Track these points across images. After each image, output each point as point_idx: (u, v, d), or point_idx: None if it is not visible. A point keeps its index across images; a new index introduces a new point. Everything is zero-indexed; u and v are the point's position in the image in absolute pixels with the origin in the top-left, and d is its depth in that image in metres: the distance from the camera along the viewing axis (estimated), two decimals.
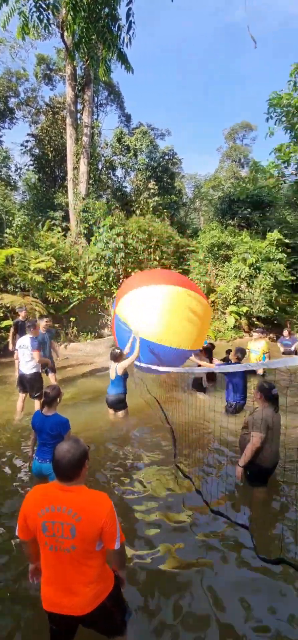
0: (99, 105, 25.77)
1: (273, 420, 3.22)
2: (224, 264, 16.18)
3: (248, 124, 39.45)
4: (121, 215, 17.18)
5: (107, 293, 13.97)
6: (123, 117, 25.69)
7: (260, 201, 19.04)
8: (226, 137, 41.24)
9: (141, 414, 5.55)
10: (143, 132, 21.27)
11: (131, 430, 4.99)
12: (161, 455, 4.21)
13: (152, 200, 19.52)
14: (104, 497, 1.83)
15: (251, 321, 14.61)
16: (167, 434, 4.65)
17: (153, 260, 15.84)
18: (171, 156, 21.59)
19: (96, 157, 21.73)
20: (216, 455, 4.19)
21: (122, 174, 23.06)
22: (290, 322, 15.52)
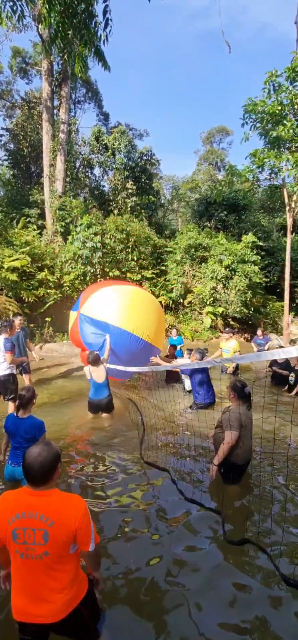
0: (76, 102, 25.41)
1: (245, 418, 3.29)
2: (201, 265, 16.43)
3: (225, 129, 40.32)
4: (98, 215, 17.01)
5: None
6: (101, 116, 25.50)
7: (235, 204, 19.52)
8: (203, 141, 41.94)
9: (119, 416, 5.52)
10: (121, 132, 21.19)
11: (109, 432, 4.95)
12: (137, 455, 4.20)
13: (130, 200, 19.48)
14: (77, 499, 1.79)
15: (227, 321, 14.93)
16: (141, 434, 4.66)
17: (130, 260, 15.81)
18: (150, 157, 21.65)
19: (74, 155, 21.39)
20: (190, 452, 4.23)
21: (100, 173, 22.90)
22: (263, 322, 16.02)
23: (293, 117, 12.79)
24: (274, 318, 16.68)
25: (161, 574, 2.43)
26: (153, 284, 16.25)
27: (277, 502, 3.14)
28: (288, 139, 12.57)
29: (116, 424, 5.20)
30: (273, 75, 12.60)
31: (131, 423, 5.15)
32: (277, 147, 13.31)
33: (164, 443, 4.47)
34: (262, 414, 3.64)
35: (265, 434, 3.70)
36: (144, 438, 4.37)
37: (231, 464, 3.32)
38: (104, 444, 4.53)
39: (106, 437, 4.72)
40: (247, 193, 19.63)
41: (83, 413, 5.56)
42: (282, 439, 4.25)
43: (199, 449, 4.24)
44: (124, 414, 5.56)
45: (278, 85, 12.71)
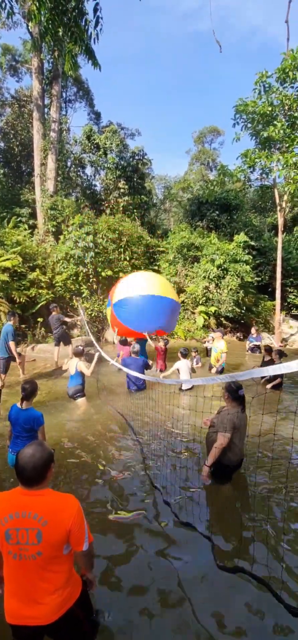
0: (67, 101, 25.30)
1: (239, 420, 3.30)
2: (193, 264, 16.50)
3: (216, 129, 40.52)
4: (90, 214, 16.92)
5: (77, 293, 13.72)
6: (93, 115, 25.44)
7: (227, 204, 19.66)
8: (195, 141, 42.06)
9: (113, 420, 5.50)
10: (113, 131, 21.14)
11: (103, 434, 4.93)
12: (131, 461, 4.19)
13: (122, 200, 19.45)
14: (71, 499, 1.78)
15: (219, 321, 15.01)
16: (136, 440, 4.65)
17: (123, 260, 15.78)
18: (141, 156, 21.63)
19: (65, 154, 21.26)
20: (184, 454, 4.24)
21: (92, 173, 22.79)
22: (255, 321, 16.16)
23: (283, 117, 12.93)
24: (266, 317, 16.83)
25: (156, 590, 2.39)
26: None
27: (274, 524, 2.98)
28: (278, 139, 12.71)
29: (112, 425, 5.19)
30: (263, 76, 12.74)
31: (127, 426, 5.14)
32: (267, 147, 13.45)
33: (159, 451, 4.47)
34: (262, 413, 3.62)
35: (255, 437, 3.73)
36: (142, 449, 4.34)
37: (222, 465, 3.33)
38: (99, 444, 4.51)
39: (101, 438, 4.70)
40: (239, 193, 19.81)
41: (76, 413, 5.54)
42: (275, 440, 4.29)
43: (193, 453, 4.25)
44: (118, 417, 5.54)
45: (269, 86, 12.86)
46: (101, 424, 5.22)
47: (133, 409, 5.69)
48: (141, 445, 4.41)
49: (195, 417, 4.29)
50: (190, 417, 4.36)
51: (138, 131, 25.75)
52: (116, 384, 7.41)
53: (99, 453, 4.28)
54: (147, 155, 22.19)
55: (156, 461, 4.05)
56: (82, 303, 13.16)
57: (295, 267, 18.57)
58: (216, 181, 14.70)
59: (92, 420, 5.37)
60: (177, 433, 4.80)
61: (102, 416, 5.54)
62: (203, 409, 3.61)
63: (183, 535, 2.84)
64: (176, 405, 4.60)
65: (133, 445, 4.51)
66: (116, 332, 8.56)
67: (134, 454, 4.26)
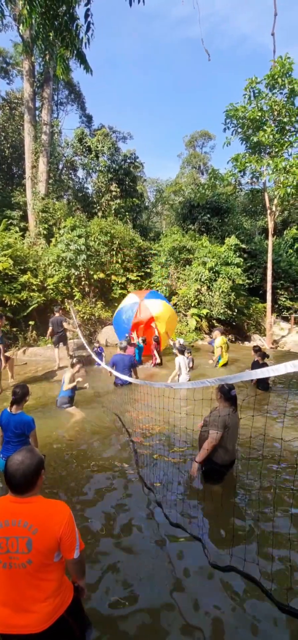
0: (59, 103, 25.23)
1: (230, 420, 3.33)
2: (185, 267, 16.57)
3: (207, 133, 40.91)
4: (82, 217, 16.91)
5: (69, 295, 13.65)
6: (84, 118, 25.40)
7: (218, 207, 19.83)
8: (186, 144, 42.41)
9: (105, 423, 5.48)
10: (104, 134, 21.14)
11: (95, 438, 4.90)
12: (123, 463, 4.17)
13: (114, 203, 19.44)
14: (61, 505, 1.77)
15: (211, 323, 15.09)
16: (129, 445, 4.64)
17: (115, 263, 15.78)
18: (133, 159, 21.69)
19: (56, 157, 21.20)
20: (175, 454, 4.25)
21: (83, 175, 22.77)
22: (247, 323, 16.30)
23: (273, 123, 13.12)
24: (257, 319, 16.98)
25: (149, 592, 2.40)
26: (137, 287, 16.24)
27: (264, 521, 3.05)
28: (268, 144, 12.89)
29: (104, 428, 5.16)
30: (253, 82, 12.93)
31: (120, 430, 5.12)
32: (257, 152, 13.63)
33: (153, 451, 4.47)
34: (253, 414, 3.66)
35: (248, 436, 3.75)
36: (135, 449, 4.35)
37: (213, 464, 3.35)
38: (92, 450, 4.48)
39: (93, 444, 4.67)
40: (230, 196, 20.02)
41: (68, 418, 5.49)
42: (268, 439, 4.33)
43: (186, 454, 4.26)
44: (110, 420, 5.52)
45: (258, 92, 13.05)
46: (93, 427, 5.19)
47: (124, 408, 5.68)
48: (134, 447, 4.41)
49: (187, 419, 4.31)
50: (185, 419, 4.37)
51: (129, 134, 25.82)
52: (108, 386, 7.39)
53: (91, 457, 4.26)
54: (139, 158, 22.29)
55: (149, 462, 4.05)
56: (74, 306, 13.09)
57: (285, 270, 18.83)
58: (207, 185, 14.81)
59: (84, 424, 5.34)
60: (170, 434, 4.81)
61: (95, 420, 5.51)
62: (194, 412, 3.62)
63: (174, 536, 2.86)
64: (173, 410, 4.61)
65: (126, 447, 4.50)
66: None
67: (127, 456, 4.26)
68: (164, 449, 4.46)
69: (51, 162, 18.96)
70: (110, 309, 15.04)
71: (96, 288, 15.00)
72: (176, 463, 4.01)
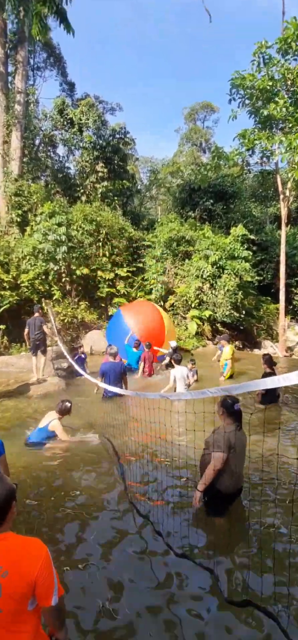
0: (35, 68, 25.21)
1: (236, 439, 3.34)
2: (184, 261, 16.64)
3: (210, 105, 41.25)
4: (63, 202, 16.86)
5: (47, 295, 13.60)
6: (66, 86, 25.39)
7: (223, 191, 19.98)
8: (185, 118, 42.69)
9: (92, 448, 5.46)
10: (89, 105, 21.19)
11: (75, 460, 4.88)
12: (110, 488, 4.17)
13: (100, 186, 19.46)
14: (37, 544, 1.76)
15: (215, 327, 15.17)
16: (115, 465, 4.64)
17: (101, 256, 15.78)
18: (123, 135, 21.76)
19: (32, 131, 21.15)
20: (173, 481, 4.26)
21: (64, 153, 22.76)
22: (256, 327, 16.42)
23: (286, 94, 13.28)
24: (268, 322, 17.12)
25: None
26: (128, 284, 16.28)
27: (281, 550, 3.10)
28: (280, 118, 13.03)
29: (91, 454, 5.15)
30: (263, 46, 13.08)
31: (106, 452, 5.12)
32: (268, 127, 13.77)
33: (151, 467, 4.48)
34: (263, 434, 3.68)
35: (259, 459, 3.77)
36: (124, 471, 4.35)
37: (216, 492, 3.36)
38: (75, 478, 4.46)
39: (76, 467, 4.65)
40: (236, 179, 20.20)
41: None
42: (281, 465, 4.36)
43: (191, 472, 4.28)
44: (96, 441, 5.51)
45: (269, 58, 13.19)
46: (77, 451, 5.18)
47: (113, 426, 5.67)
48: (122, 471, 4.41)
49: (186, 436, 4.32)
50: (184, 436, 4.38)
51: (119, 106, 25.88)
52: (93, 401, 7.39)
53: (73, 484, 4.24)
54: (130, 133, 22.38)
55: (143, 487, 4.05)
56: (52, 307, 13.04)
57: None
58: (210, 165, 14.93)
59: (67, 447, 5.31)
60: (166, 454, 4.82)
61: (80, 443, 5.49)
62: (195, 427, 3.63)
63: (179, 568, 2.89)
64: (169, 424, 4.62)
65: (114, 470, 4.50)
66: None
67: (115, 481, 4.26)
68: (160, 471, 4.46)
69: (26, 137, 18.92)
70: (95, 310, 15.03)
71: (79, 286, 14.97)
72: (175, 487, 4.01)
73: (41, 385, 8.55)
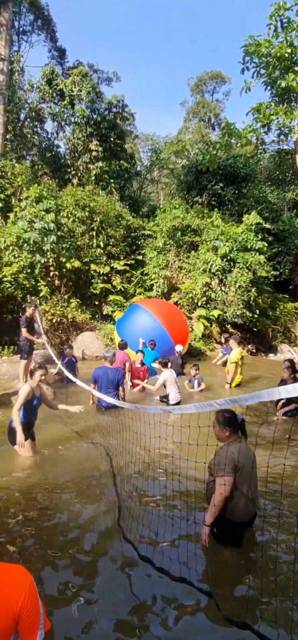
0: (21, 32, 25.26)
1: (243, 458, 3.31)
2: (190, 253, 16.64)
3: (220, 74, 41.34)
4: (51, 185, 16.87)
5: (33, 291, 13.60)
6: (55, 52, 25.44)
7: (234, 174, 19.99)
8: (192, 89, 42.79)
9: (81, 457, 5.49)
10: (82, 74, 21.20)
11: (61, 475, 4.91)
12: (100, 507, 4.19)
13: (94, 166, 19.48)
14: (19, 572, 1.76)
15: (225, 328, 15.16)
16: (108, 479, 4.67)
17: (95, 247, 15.78)
18: (121, 109, 21.78)
19: (17, 104, 21.17)
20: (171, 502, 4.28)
21: (53, 129, 22.76)
22: (272, 329, 16.42)
23: None
24: (286, 323, 17.13)
25: None
26: (125, 279, 16.27)
27: (283, 574, 3.16)
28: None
29: (79, 464, 5.18)
30: (281, 7, 13.05)
31: (94, 463, 5.15)
32: (286, 100, 13.79)
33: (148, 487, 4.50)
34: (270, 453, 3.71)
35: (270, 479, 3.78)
36: (118, 493, 4.37)
37: (226, 522, 3.34)
38: (61, 491, 4.49)
39: (63, 483, 4.67)
40: (249, 160, 20.19)
41: (26, 455, 5.47)
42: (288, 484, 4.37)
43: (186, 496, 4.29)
44: (90, 453, 5.53)
45: (288, 22, 13.17)
46: (64, 462, 5.21)
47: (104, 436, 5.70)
48: (116, 491, 4.43)
49: (188, 451, 4.33)
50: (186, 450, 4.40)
51: (116, 75, 26.06)
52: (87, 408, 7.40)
53: (60, 502, 4.26)
54: (128, 107, 22.41)
55: (133, 507, 4.07)
56: (39, 305, 13.05)
57: None
58: (219, 144, 14.95)
59: (53, 458, 5.33)
60: (160, 468, 4.84)
61: (68, 453, 5.51)
62: (199, 441, 3.64)
63: (175, 595, 2.95)
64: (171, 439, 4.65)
65: (104, 486, 4.54)
66: None
67: (105, 497, 4.30)
68: (160, 490, 4.48)
69: (10, 110, 18.93)
70: (88, 309, 15.01)
71: (70, 281, 14.96)
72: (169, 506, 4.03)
73: None
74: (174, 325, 11.33)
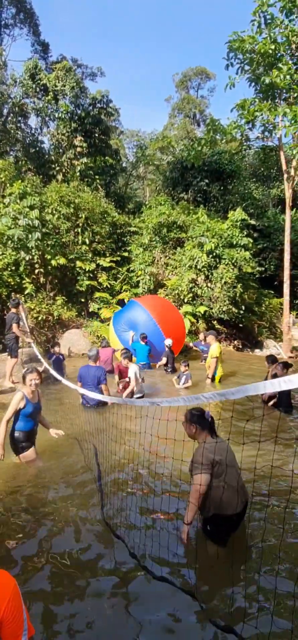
0: (3, 25, 24.93)
1: (218, 452, 3.35)
2: (176, 250, 16.67)
3: (205, 70, 41.44)
4: (35, 181, 16.70)
5: (17, 288, 13.45)
6: (38, 46, 25.21)
7: (219, 170, 20.07)
8: (177, 85, 42.79)
9: (64, 453, 5.46)
10: (66, 69, 21.02)
11: (48, 475, 4.87)
12: (87, 508, 4.17)
13: (79, 162, 19.35)
14: (3, 576, 1.73)
15: (212, 324, 15.23)
16: (93, 480, 4.66)
17: (81, 244, 15.69)
18: (105, 104, 21.67)
19: (0, 99, 20.88)
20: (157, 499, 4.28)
21: (37, 124, 22.51)
22: (257, 325, 16.56)
23: (290, 59, 13.37)
24: (271, 319, 17.30)
25: None
26: (111, 276, 16.23)
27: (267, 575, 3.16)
28: (284, 87, 13.14)
29: (60, 466, 5.15)
30: (264, 4, 13.09)
31: (81, 465, 5.12)
32: (270, 97, 13.87)
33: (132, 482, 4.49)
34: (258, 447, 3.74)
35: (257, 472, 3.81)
36: (103, 490, 4.37)
37: (219, 518, 3.35)
38: (44, 490, 4.46)
39: (47, 486, 4.64)
40: (234, 156, 20.31)
41: (11, 457, 5.42)
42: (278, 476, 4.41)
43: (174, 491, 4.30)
44: (77, 451, 5.51)
45: (271, 18, 13.24)
46: (47, 461, 5.19)
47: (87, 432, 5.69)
48: (100, 485, 4.44)
49: (174, 446, 4.33)
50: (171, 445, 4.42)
51: (100, 71, 25.86)
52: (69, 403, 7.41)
53: (44, 499, 4.25)
54: (113, 102, 22.31)
55: (119, 503, 4.07)
56: (24, 303, 12.92)
57: None
58: (204, 140, 14.94)
59: (40, 457, 5.29)
60: (144, 464, 4.85)
61: (51, 449, 5.50)
62: (184, 438, 3.64)
63: (158, 592, 2.95)
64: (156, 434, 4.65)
65: (89, 483, 4.54)
66: None
67: (92, 495, 4.33)
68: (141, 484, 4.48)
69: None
70: (74, 306, 14.93)
71: (55, 278, 14.86)
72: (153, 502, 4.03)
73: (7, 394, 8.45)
74: (169, 322, 11.35)
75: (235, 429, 4.03)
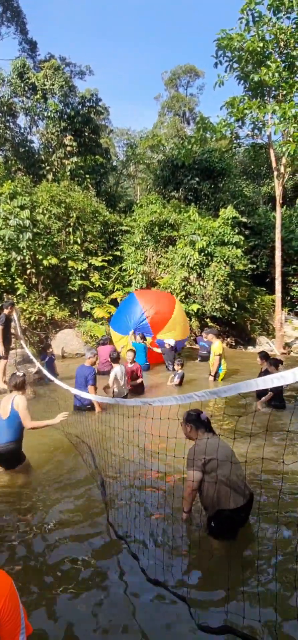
0: None
1: (213, 448, 3.41)
2: (167, 248, 16.70)
3: (194, 68, 41.45)
4: (26, 181, 16.62)
5: (9, 289, 13.39)
6: (26, 45, 25.09)
7: (210, 168, 20.12)
8: (166, 84, 42.78)
9: (62, 449, 5.46)
10: (54, 67, 20.92)
11: (43, 472, 4.88)
12: (86, 508, 4.17)
13: (69, 162, 19.29)
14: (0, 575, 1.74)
15: (204, 322, 15.29)
16: (93, 480, 4.65)
17: (72, 244, 15.64)
18: (95, 103, 21.61)
19: None
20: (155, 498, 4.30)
21: (26, 124, 22.38)
22: (250, 322, 16.64)
23: (278, 57, 13.43)
24: (263, 316, 17.38)
25: None
26: (104, 275, 16.21)
27: (265, 567, 3.18)
28: (273, 84, 13.20)
29: (55, 463, 5.16)
30: (252, 1, 13.12)
31: (79, 463, 5.12)
32: (259, 95, 13.95)
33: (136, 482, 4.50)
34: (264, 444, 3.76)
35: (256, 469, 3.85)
36: (104, 490, 4.37)
37: (221, 513, 3.37)
38: (44, 490, 4.46)
39: (46, 480, 4.64)
40: (224, 154, 20.34)
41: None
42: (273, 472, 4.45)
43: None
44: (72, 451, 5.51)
45: (259, 16, 13.28)
46: (46, 459, 5.19)
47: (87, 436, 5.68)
48: (102, 481, 4.43)
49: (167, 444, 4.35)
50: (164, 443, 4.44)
51: (89, 69, 25.73)
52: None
53: (43, 501, 4.25)
54: (102, 101, 22.25)
55: (121, 505, 4.08)
56: (17, 303, 12.87)
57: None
58: (194, 138, 14.96)
59: (37, 452, 5.28)
60: (149, 465, 4.86)
61: (49, 448, 5.51)
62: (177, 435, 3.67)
63: (152, 596, 2.95)
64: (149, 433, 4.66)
65: (91, 487, 4.53)
66: None
67: (91, 496, 4.33)
68: (141, 484, 4.49)
69: None
70: (67, 306, 14.89)
71: (47, 278, 14.81)
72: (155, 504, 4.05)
73: None
74: (160, 317, 11.15)
75: (240, 425, 4.04)
